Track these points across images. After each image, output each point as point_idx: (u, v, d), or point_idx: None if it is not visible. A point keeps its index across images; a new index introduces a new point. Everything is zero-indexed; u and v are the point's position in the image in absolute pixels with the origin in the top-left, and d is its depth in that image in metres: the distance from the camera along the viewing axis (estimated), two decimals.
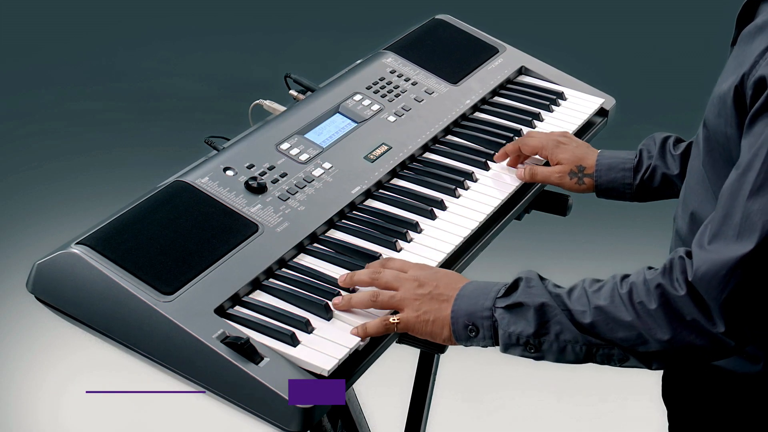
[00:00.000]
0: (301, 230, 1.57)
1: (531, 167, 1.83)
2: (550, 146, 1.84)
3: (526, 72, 2.19)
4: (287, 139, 1.73)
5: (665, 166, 1.80)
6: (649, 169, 1.81)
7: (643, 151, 1.83)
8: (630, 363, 1.40)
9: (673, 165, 1.79)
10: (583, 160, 1.83)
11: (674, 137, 1.83)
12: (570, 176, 1.83)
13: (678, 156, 1.79)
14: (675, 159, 1.79)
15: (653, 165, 1.81)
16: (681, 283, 1.34)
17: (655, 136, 1.84)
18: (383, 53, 2.05)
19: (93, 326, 1.41)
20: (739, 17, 1.49)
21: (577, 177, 1.83)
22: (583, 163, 1.83)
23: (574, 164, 1.83)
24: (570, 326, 1.38)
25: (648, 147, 1.83)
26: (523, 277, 1.44)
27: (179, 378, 1.37)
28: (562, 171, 1.83)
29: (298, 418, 1.30)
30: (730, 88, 1.37)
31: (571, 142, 1.87)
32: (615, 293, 1.38)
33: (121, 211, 1.49)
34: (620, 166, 1.82)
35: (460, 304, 1.44)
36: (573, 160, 1.83)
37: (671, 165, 1.79)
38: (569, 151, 1.84)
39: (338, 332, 1.42)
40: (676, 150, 1.80)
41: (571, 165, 1.83)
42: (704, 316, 1.33)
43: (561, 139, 1.86)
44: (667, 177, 1.80)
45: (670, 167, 1.79)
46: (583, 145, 1.88)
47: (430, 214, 1.69)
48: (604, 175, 1.82)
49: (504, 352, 1.43)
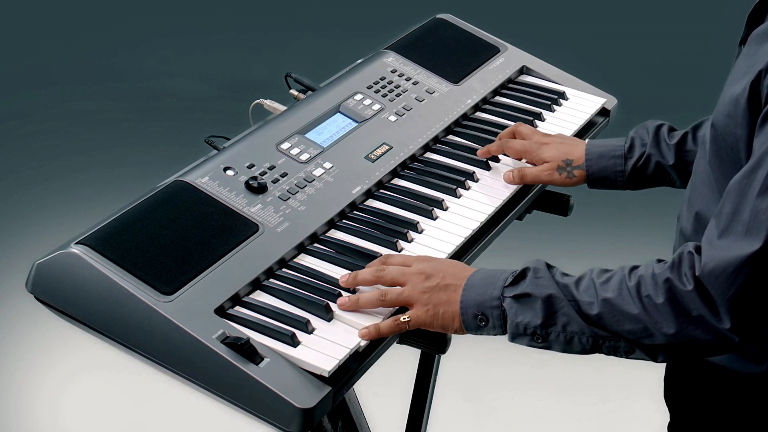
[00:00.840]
0: (301, 230, 1.57)
1: (519, 169, 1.82)
2: (533, 149, 1.84)
3: (527, 72, 2.19)
4: (288, 138, 1.73)
5: (660, 155, 1.79)
6: (643, 157, 1.80)
7: (636, 139, 1.82)
8: (636, 355, 1.40)
9: (669, 155, 1.79)
10: (569, 154, 1.83)
11: (667, 125, 1.82)
12: (559, 171, 1.82)
13: (673, 146, 1.79)
14: (670, 148, 1.79)
15: (647, 153, 1.80)
16: (689, 278, 1.34)
17: (647, 124, 1.84)
18: (384, 52, 2.04)
19: (92, 326, 1.40)
20: (750, 16, 1.48)
21: (566, 171, 1.82)
22: (569, 157, 1.82)
23: (560, 159, 1.82)
24: (577, 318, 1.39)
25: (641, 135, 1.82)
26: (531, 267, 1.44)
27: (179, 378, 1.37)
28: (550, 168, 1.82)
29: (299, 419, 1.30)
30: (745, 88, 1.37)
31: (554, 140, 1.86)
32: (623, 286, 1.38)
33: (121, 211, 1.48)
34: (611, 153, 1.82)
35: (468, 294, 1.44)
36: (558, 155, 1.83)
37: (666, 154, 1.79)
38: (553, 148, 1.84)
39: (339, 333, 1.41)
40: (671, 139, 1.79)
41: (558, 161, 1.82)
42: (711, 312, 1.33)
43: (543, 139, 1.86)
44: (661, 165, 1.80)
45: (666, 157, 1.79)
46: (567, 139, 1.88)
47: (430, 214, 1.69)
48: (595, 163, 1.82)
49: (511, 341, 1.43)
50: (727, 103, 1.41)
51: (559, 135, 1.90)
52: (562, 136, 1.89)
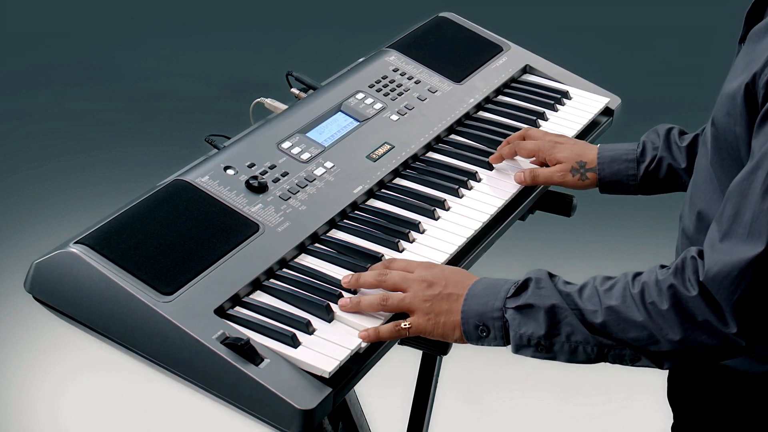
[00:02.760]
0: (302, 230, 1.56)
1: (531, 170, 1.81)
2: (547, 147, 1.83)
3: (530, 71, 2.18)
4: (288, 137, 1.73)
5: (671, 158, 1.79)
6: (655, 160, 1.79)
7: (647, 143, 1.82)
8: (642, 363, 1.39)
9: (680, 157, 1.78)
10: (584, 156, 1.82)
11: (678, 128, 1.82)
12: (572, 173, 1.81)
13: (684, 148, 1.78)
14: (682, 151, 1.78)
15: (659, 156, 1.79)
16: (693, 283, 1.34)
17: (658, 128, 1.84)
18: (386, 51, 2.04)
19: (91, 327, 1.40)
20: (748, 15, 1.48)
21: (580, 173, 1.81)
22: (583, 159, 1.82)
23: (574, 161, 1.81)
24: (581, 327, 1.38)
25: (651, 139, 1.82)
26: (532, 277, 1.43)
27: (179, 379, 1.36)
28: (563, 169, 1.82)
29: (299, 420, 1.29)
30: (741, 86, 1.36)
31: (568, 141, 1.86)
32: (627, 293, 1.37)
33: (121, 211, 1.48)
34: (623, 157, 1.81)
35: (470, 305, 1.43)
36: (573, 156, 1.82)
37: (678, 157, 1.78)
38: (567, 149, 1.83)
39: (339, 334, 1.41)
40: (682, 142, 1.79)
41: (572, 162, 1.81)
42: (716, 317, 1.32)
43: (557, 139, 1.85)
44: (673, 169, 1.79)
45: (677, 159, 1.78)
46: (580, 142, 1.88)
47: (432, 214, 1.68)
48: (608, 167, 1.81)
49: (516, 353, 1.43)
50: (726, 101, 1.41)
51: (570, 137, 1.89)
52: (573, 139, 1.88)
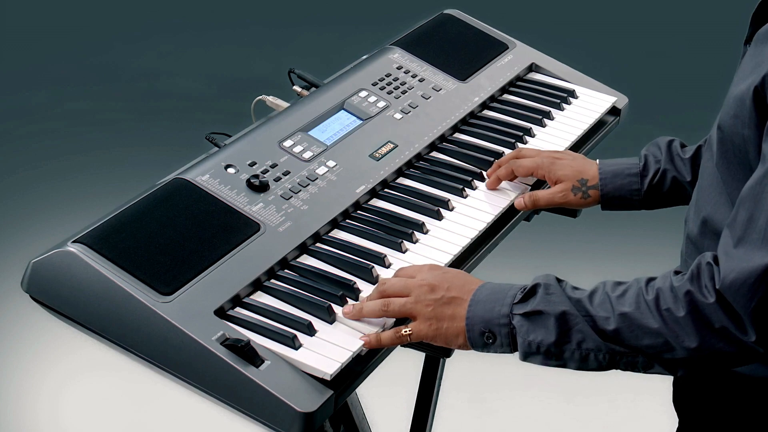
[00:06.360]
0: (303, 230, 1.56)
1: (531, 194, 1.77)
2: (546, 164, 1.79)
3: (536, 69, 2.18)
4: (290, 136, 1.72)
5: (675, 170, 1.77)
6: (658, 173, 1.77)
7: (649, 156, 1.79)
8: (654, 370, 1.38)
9: (684, 170, 1.76)
10: (584, 173, 1.79)
11: (678, 141, 1.80)
12: (574, 192, 1.78)
13: (688, 160, 1.77)
14: (685, 163, 1.77)
15: (662, 169, 1.77)
16: (710, 290, 1.32)
17: (658, 141, 1.82)
18: (390, 49, 2.03)
19: (89, 327, 1.40)
20: (754, 16, 1.47)
21: (581, 191, 1.78)
22: (584, 176, 1.78)
23: (575, 178, 1.78)
24: (592, 334, 1.36)
25: (653, 152, 1.80)
26: (541, 282, 1.41)
27: (178, 381, 1.36)
28: (564, 189, 1.78)
29: (300, 423, 1.29)
30: (749, 88, 1.35)
31: (567, 156, 1.82)
32: (641, 299, 1.35)
33: (119, 209, 1.48)
34: (626, 171, 1.78)
35: (475, 311, 1.41)
36: (573, 174, 1.78)
37: (681, 169, 1.77)
38: (567, 166, 1.79)
39: (341, 335, 1.40)
40: (685, 154, 1.78)
41: (572, 180, 1.78)
42: (734, 324, 1.31)
43: (555, 154, 1.81)
44: (677, 181, 1.77)
45: (681, 172, 1.77)
46: (579, 157, 1.84)
47: (436, 214, 1.67)
48: (610, 182, 1.78)
49: (523, 360, 1.41)
50: (733, 104, 1.40)
51: (567, 152, 1.86)
52: (570, 153, 1.85)
